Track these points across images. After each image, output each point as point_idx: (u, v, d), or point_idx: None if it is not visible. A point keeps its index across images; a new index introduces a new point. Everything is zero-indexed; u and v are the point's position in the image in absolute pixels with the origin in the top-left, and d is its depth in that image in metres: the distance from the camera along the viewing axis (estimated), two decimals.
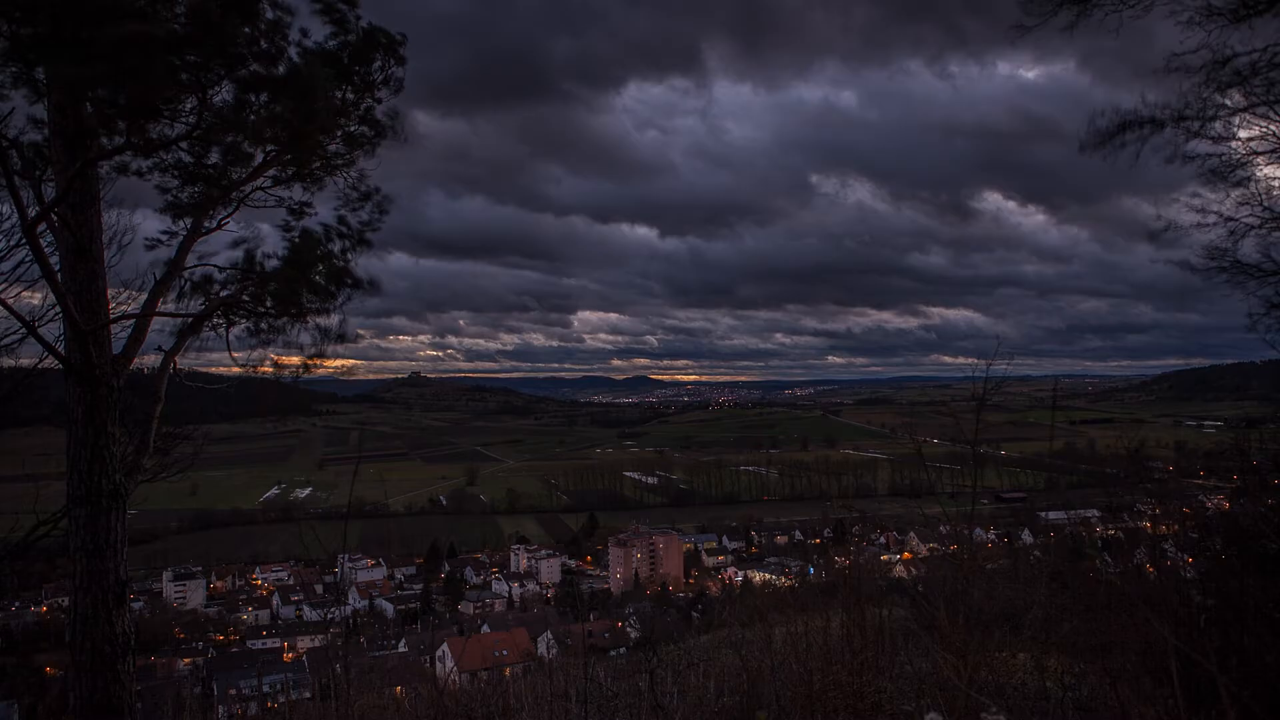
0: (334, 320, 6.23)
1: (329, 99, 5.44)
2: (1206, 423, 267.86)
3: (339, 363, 6.49)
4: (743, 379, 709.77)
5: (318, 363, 6.35)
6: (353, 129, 5.84)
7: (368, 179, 6.13)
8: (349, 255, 6.15)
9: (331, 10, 5.39)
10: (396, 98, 5.86)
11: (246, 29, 4.83)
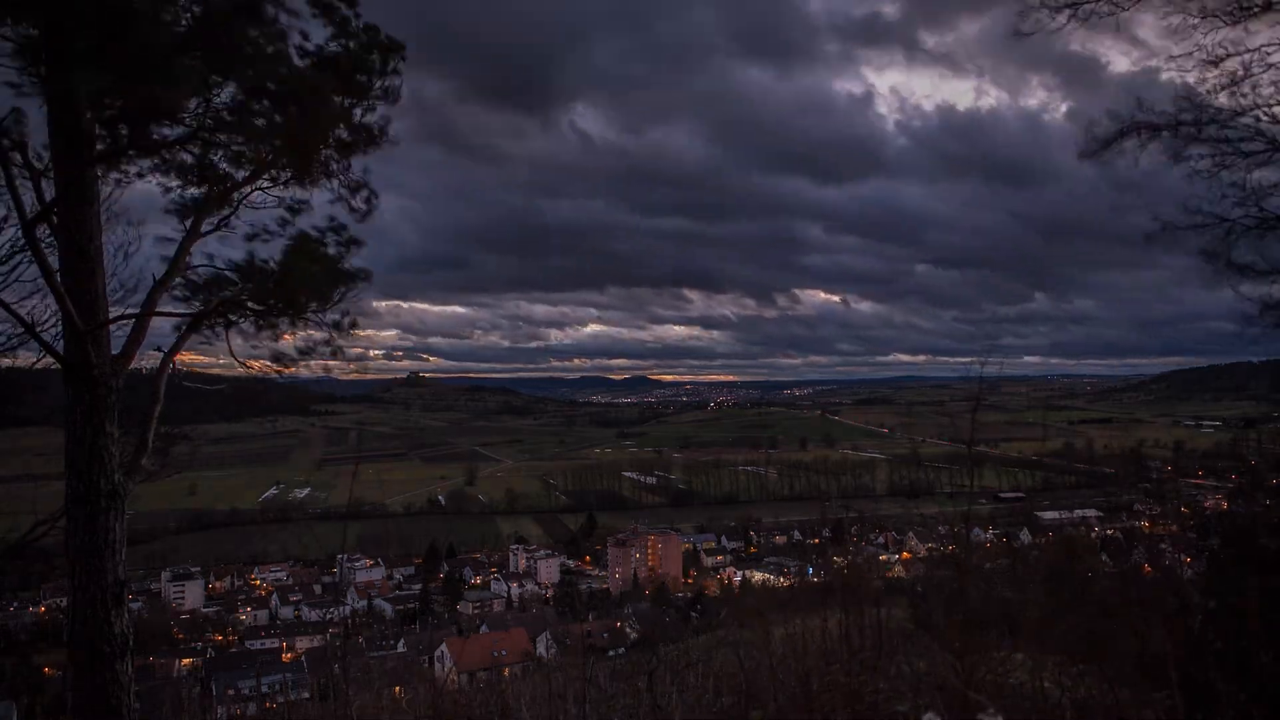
0: (331, 319, 6.26)
1: (329, 110, 5.47)
2: (1205, 422, 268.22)
3: (339, 362, 6.51)
4: (741, 379, 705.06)
5: (317, 362, 6.37)
6: (347, 136, 5.85)
7: (360, 180, 6.14)
8: (344, 256, 6.18)
9: (331, 11, 5.40)
10: (393, 107, 5.88)
11: (252, 32, 4.84)
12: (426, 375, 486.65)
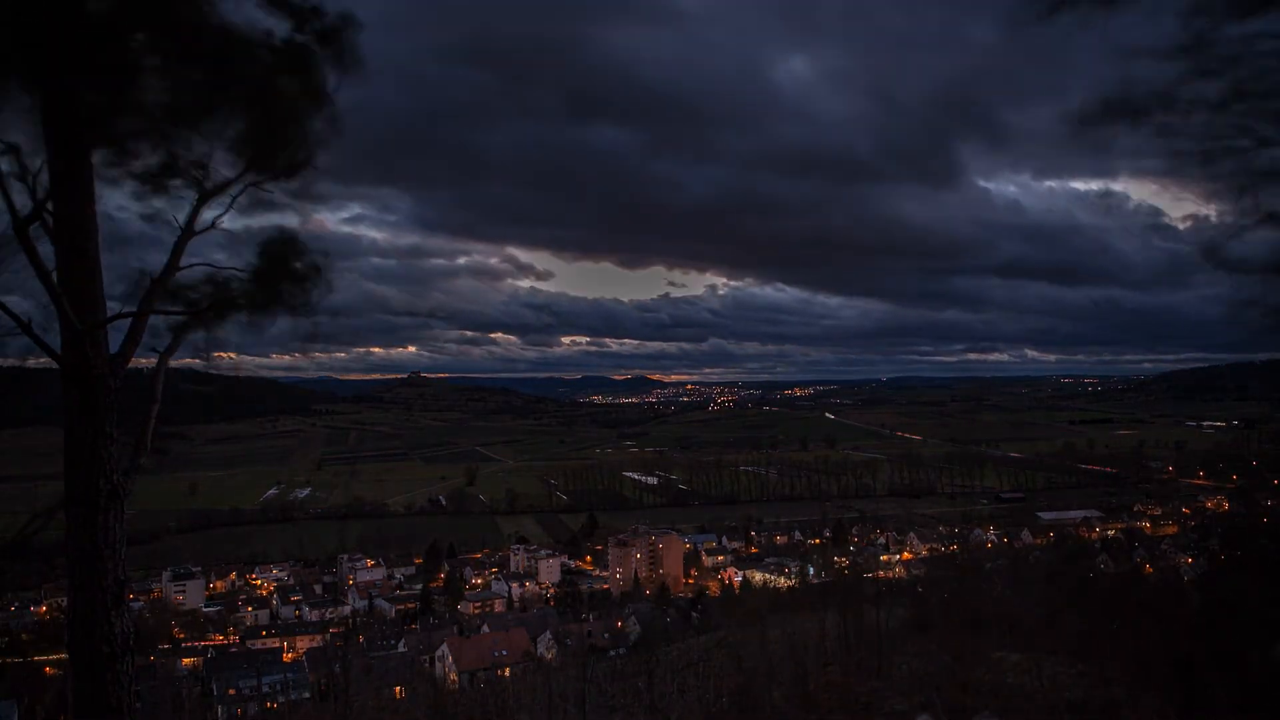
0: (318, 315, 6.29)
1: (292, 103, 5.51)
2: (1206, 423, 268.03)
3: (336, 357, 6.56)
4: (742, 378, 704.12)
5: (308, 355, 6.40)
6: (313, 127, 5.88)
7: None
8: (322, 250, 6.22)
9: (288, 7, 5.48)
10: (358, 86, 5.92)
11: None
12: (427, 375, 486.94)
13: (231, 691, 58.90)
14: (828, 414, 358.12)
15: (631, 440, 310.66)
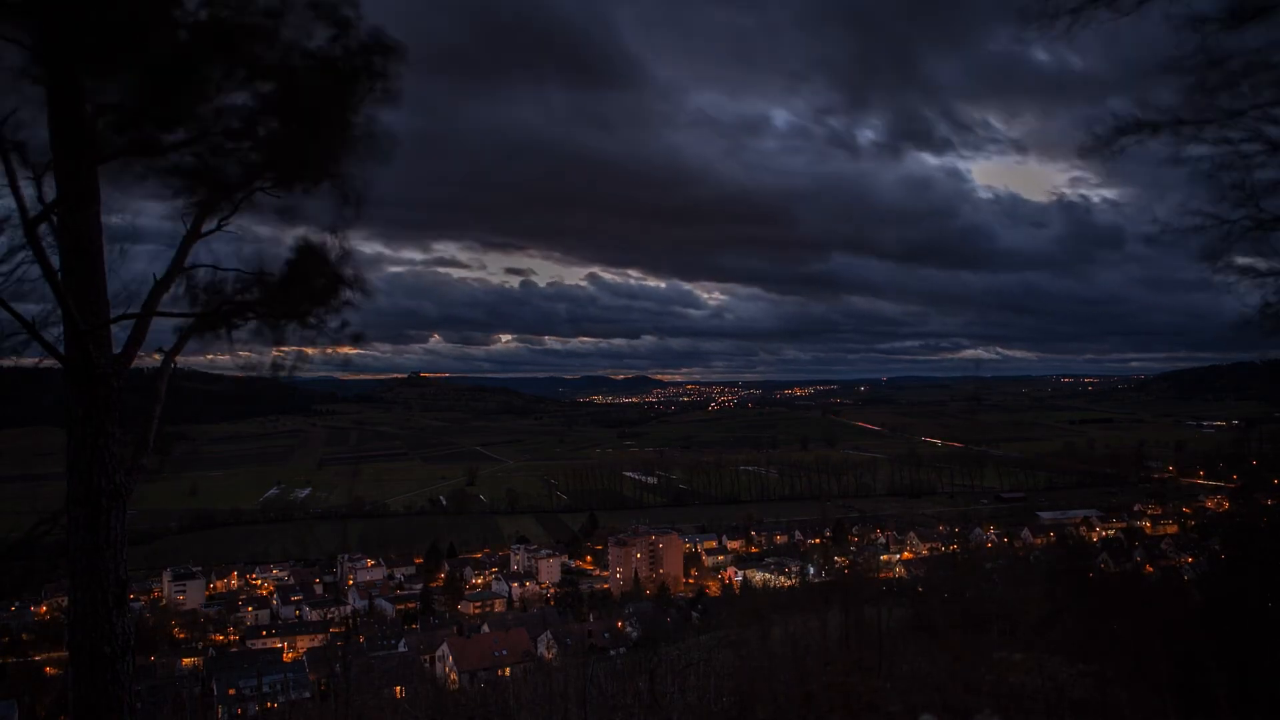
0: (334, 325, 6.28)
1: (334, 115, 5.50)
2: (1206, 423, 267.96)
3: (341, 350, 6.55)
4: (742, 378, 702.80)
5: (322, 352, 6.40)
6: (349, 142, 5.87)
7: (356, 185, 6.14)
8: (343, 262, 6.19)
9: (335, 20, 5.44)
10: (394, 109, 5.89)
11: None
12: (427, 375, 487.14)
13: (232, 691, 58.94)
14: (828, 414, 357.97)
15: (631, 440, 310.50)
